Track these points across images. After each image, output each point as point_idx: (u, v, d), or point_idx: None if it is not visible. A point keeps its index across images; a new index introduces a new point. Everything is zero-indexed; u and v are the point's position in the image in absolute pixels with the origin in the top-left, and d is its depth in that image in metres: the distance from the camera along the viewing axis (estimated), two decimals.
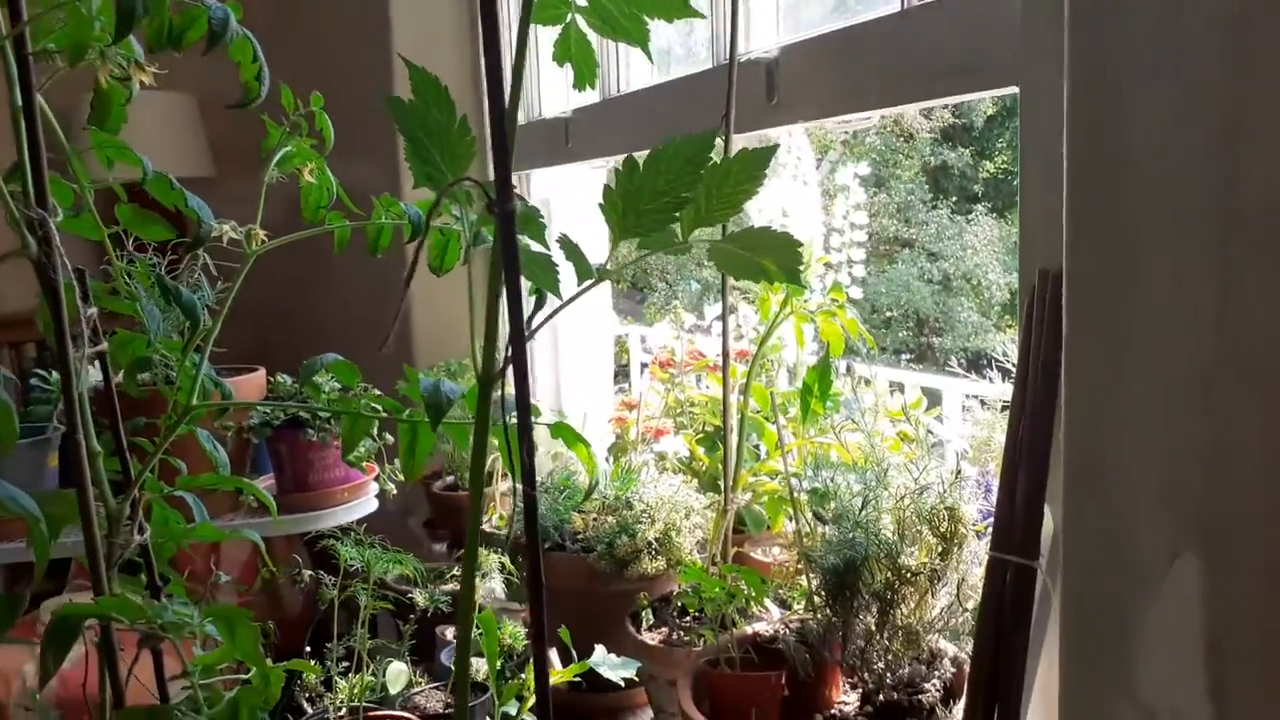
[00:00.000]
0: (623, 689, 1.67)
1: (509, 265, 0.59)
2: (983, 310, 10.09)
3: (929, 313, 9.97)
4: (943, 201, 10.77)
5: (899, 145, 11.02)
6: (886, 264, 10.13)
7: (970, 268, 10.06)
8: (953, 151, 10.95)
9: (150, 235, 0.93)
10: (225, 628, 0.85)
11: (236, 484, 0.98)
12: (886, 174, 10.64)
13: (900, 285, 9.80)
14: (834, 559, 1.14)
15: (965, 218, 10.55)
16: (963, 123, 11.08)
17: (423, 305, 2.63)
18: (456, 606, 1.90)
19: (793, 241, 0.78)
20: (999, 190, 10.87)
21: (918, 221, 10.53)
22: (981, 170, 11.02)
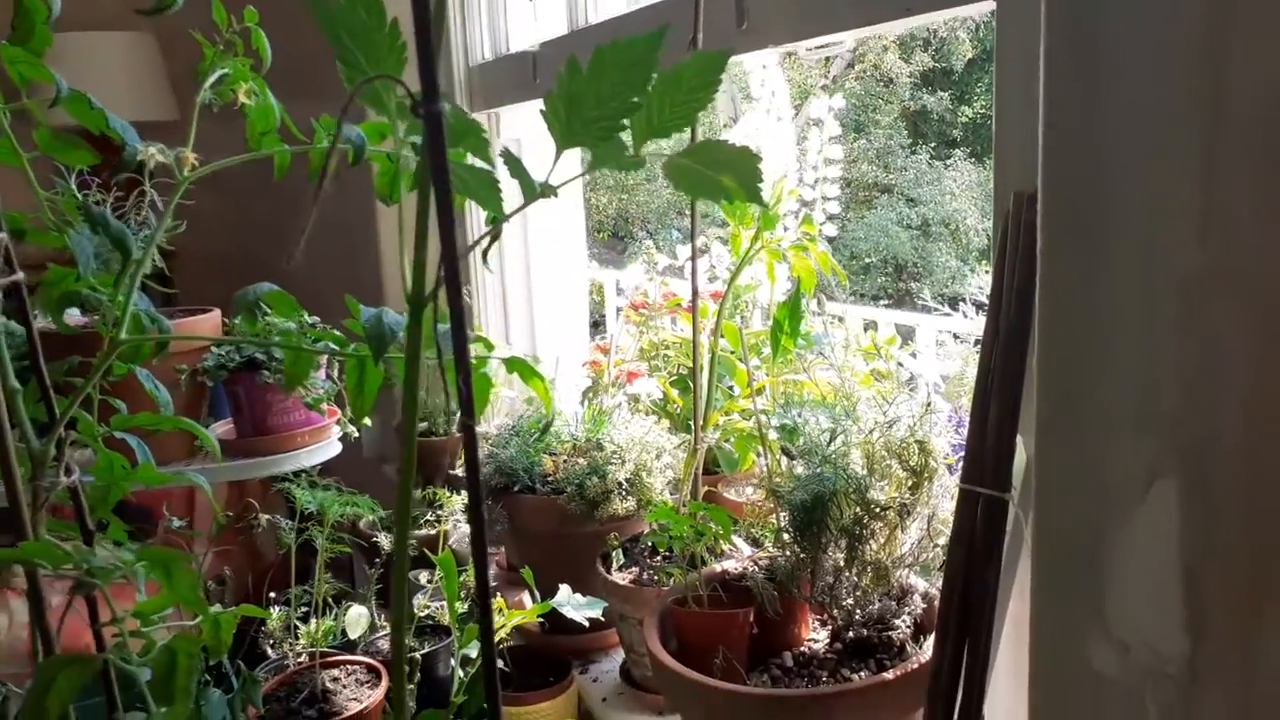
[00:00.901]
0: (594, 629, 1.66)
1: (437, 173, 0.54)
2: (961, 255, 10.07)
3: (907, 258, 9.94)
4: (922, 146, 10.69)
5: (878, 90, 10.90)
6: (865, 210, 10.07)
7: (949, 213, 10.02)
8: (932, 96, 10.85)
9: (73, 160, 0.87)
10: (161, 571, 0.81)
11: (176, 424, 0.93)
12: (865, 119, 10.53)
13: (879, 231, 9.75)
14: (802, 495, 1.11)
15: (944, 163, 10.48)
16: (942, 66, 10.96)
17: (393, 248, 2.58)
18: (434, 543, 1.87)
19: (752, 156, 0.74)
20: (978, 135, 10.79)
21: (896, 167, 10.45)
22: (961, 115, 10.93)
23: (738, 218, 1.54)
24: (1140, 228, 0.70)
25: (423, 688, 1.15)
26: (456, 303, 0.58)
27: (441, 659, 1.33)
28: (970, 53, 10.72)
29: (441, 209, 0.55)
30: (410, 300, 0.60)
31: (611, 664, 1.65)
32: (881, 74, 10.80)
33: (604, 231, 11.26)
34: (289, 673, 1.23)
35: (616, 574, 1.51)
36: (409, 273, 0.60)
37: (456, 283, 0.57)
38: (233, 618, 0.93)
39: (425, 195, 0.57)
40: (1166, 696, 0.71)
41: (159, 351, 0.98)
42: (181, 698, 0.75)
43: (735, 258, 1.57)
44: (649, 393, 2.01)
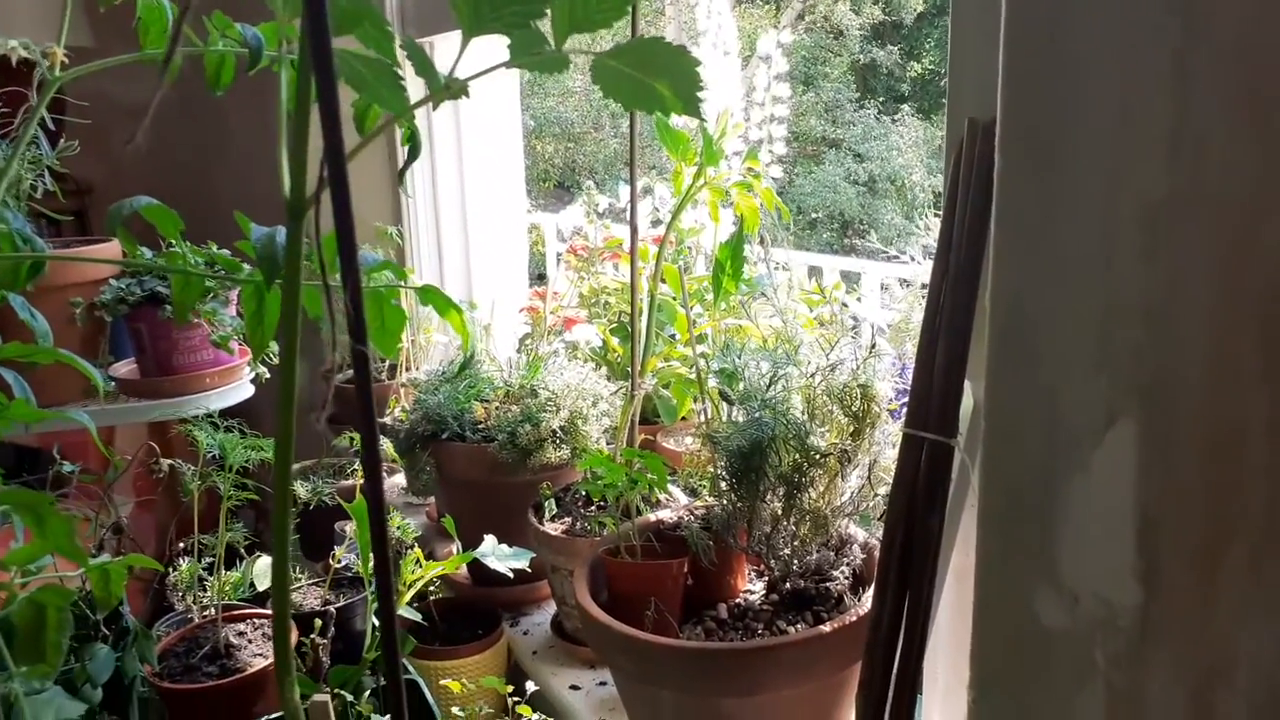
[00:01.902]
0: (525, 581, 1.61)
1: (317, 41, 0.46)
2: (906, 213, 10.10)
3: (854, 215, 9.94)
4: (870, 101, 10.65)
5: (828, 42, 10.81)
6: (813, 165, 10.03)
7: (895, 169, 10.02)
8: (881, 50, 10.79)
9: None
10: (30, 518, 0.73)
11: (54, 356, 0.85)
12: (815, 71, 10.45)
13: (826, 187, 9.72)
14: (739, 440, 1.06)
15: (892, 118, 10.46)
16: (893, 20, 10.90)
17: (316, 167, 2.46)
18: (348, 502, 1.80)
19: (690, 59, 0.66)
20: (926, 91, 10.77)
21: (845, 121, 10.41)
22: (910, 70, 10.90)
23: (680, 153, 1.47)
24: (1105, 150, 0.65)
25: (338, 642, 1.09)
26: (344, 206, 0.50)
27: (359, 612, 1.27)
28: (921, 6, 10.66)
29: (323, 85, 0.47)
30: (289, 205, 0.52)
31: (543, 616, 1.60)
32: (832, 26, 10.71)
33: (549, 181, 11.08)
34: (191, 626, 1.16)
35: (549, 524, 1.45)
36: (286, 174, 0.52)
37: (343, 180, 0.50)
38: (122, 568, 0.86)
39: (306, 75, 0.50)
40: (1116, 648, 0.67)
41: (34, 274, 0.88)
42: (51, 655, 0.67)
43: (677, 195, 1.50)
44: (588, 340, 1.95)
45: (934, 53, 10.65)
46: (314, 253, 0.52)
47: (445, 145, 2.34)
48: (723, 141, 1.44)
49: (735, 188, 1.42)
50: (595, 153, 11.14)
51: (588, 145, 11.17)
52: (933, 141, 10.21)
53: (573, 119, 11.07)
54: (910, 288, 1.39)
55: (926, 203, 9.87)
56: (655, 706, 1.02)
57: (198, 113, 2.74)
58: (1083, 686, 0.70)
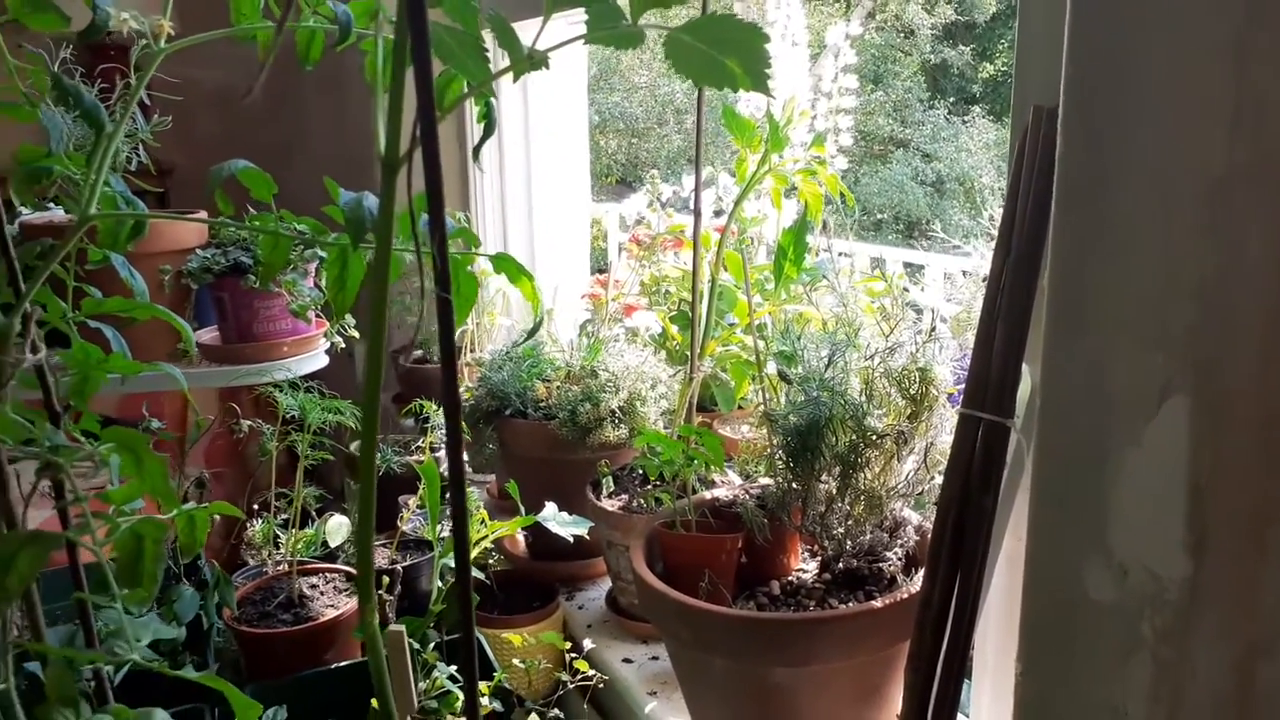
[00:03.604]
0: (581, 557, 1.65)
1: (416, 23, 0.50)
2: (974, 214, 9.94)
3: (920, 215, 9.82)
4: (940, 101, 10.51)
5: (898, 41, 10.69)
6: (880, 164, 9.93)
7: (964, 170, 9.88)
8: (953, 50, 10.64)
9: (41, 25, 0.82)
10: (130, 458, 0.78)
11: (151, 311, 0.90)
12: (884, 70, 10.34)
13: (893, 186, 9.62)
14: (797, 419, 1.08)
15: (962, 119, 10.31)
16: (965, 20, 10.74)
17: None
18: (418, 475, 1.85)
19: (760, 37, 0.69)
20: (998, 92, 10.59)
21: (914, 121, 10.28)
22: (982, 70, 10.73)
23: (745, 140, 1.49)
24: (1166, 128, 0.66)
25: (404, 600, 1.14)
26: (433, 160, 0.54)
27: (424, 573, 1.31)
28: (994, 6, 10.49)
29: (418, 52, 0.51)
30: (384, 160, 0.56)
31: (598, 592, 1.64)
32: (903, 25, 10.59)
33: (612, 176, 11.13)
34: (266, 577, 1.21)
35: (606, 501, 1.49)
36: (383, 133, 0.56)
37: (433, 137, 0.53)
38: (206, 515, 0.91)
39: (402, 43, 0.53)
40: (1164, 621, 0.68)
41: (135, 235, 0.94)
42: (147, 582, 0.72)
43: (740, 183, 1.52)
44: (647, 326, 1.98)
45: (1007, 54, 10.46)
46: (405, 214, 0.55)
47: (513, 133, 2.39)
48: (789, 129, 1.46)
49: (800, 174, 1.43)
50: (658, 149, 11.16)
51: (651, 141, 11.19)
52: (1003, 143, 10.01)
53: (637, 114, 11.10)
54: (972, 278, 1.40)
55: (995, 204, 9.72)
56: (708, 673, 1.04)
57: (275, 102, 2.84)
58: (1129, 659, 0.71)
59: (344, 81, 2.68)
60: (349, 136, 2.71)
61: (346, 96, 2.70)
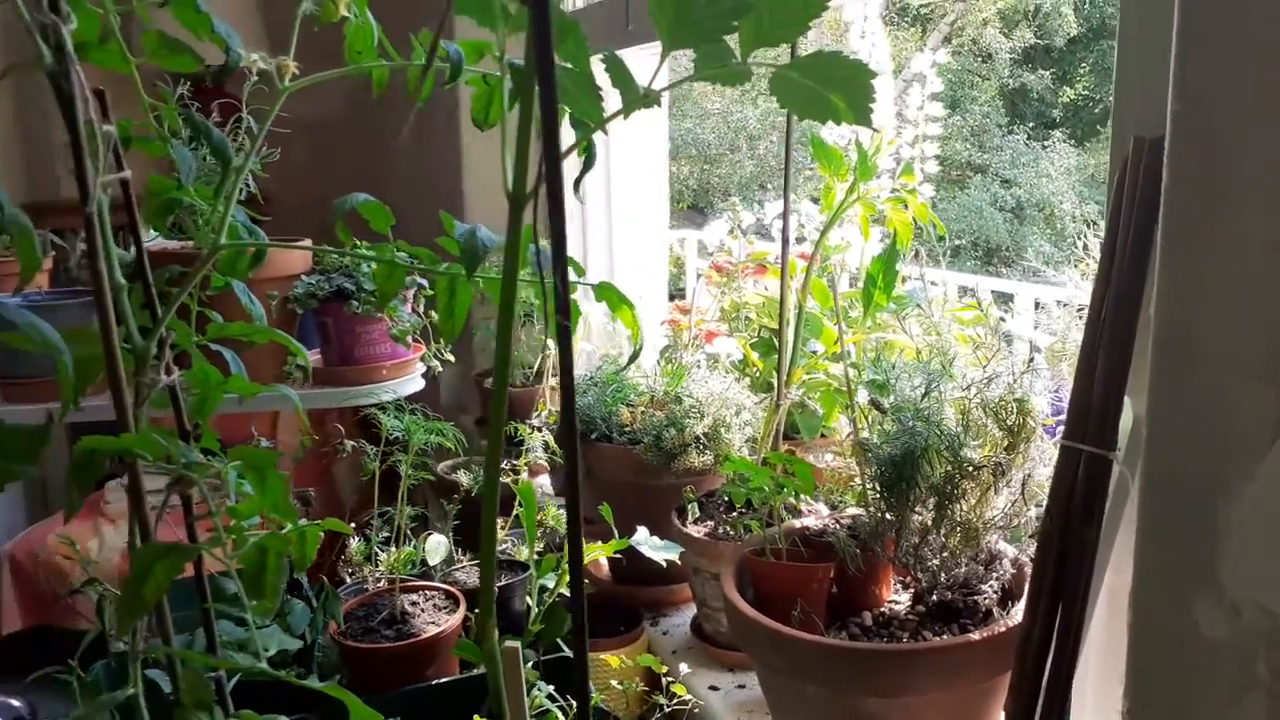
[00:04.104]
0: (666, 582, 1.66)
1: (542, 57, 0.52)
2: (1055, 241, 9.75)
3: (1000, 241, 9.66)
4: (1019, 126, 10.36)
5: (976, 66, 10.58)
6: (958, 190, 9.81)
7: (1044, 196, 9.70)
8: (1032, 74, 10.49)
9: (177, 66, 0.88)
10: (255, 475, 0.82)
11: (270, 335, 0.94)
12: (962, 95, 10.23)
13: (972, 212, 9.49)
14: (892, 449, 1.08)
15: (1042, 144, 10.14)
16: (1044, 43, 10.58)
17: (475, 184, 2.60)
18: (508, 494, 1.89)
19: (866, 71, 0.70)
20: (1079, 117, 10.40)
21: (992, 146, 10.15)
22: (1062, 95, 10.55)
23: (833, 169, 1.50)
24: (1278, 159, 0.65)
25: (499, 619, 1.16)
26: (557, 198, 0.56)
27: (517, 593, 1.34)
28: (1074, 29, 10.32)
29: (545, 95, 0.54)
30: (512, 197, 0.59)
31: (683, 618, 1.64)
32: (980, 49, 10.48)
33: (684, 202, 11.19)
34: (368, 594, 1.25)
35: (691, 527, 1.50)
36: (510, 170, 0.59)
37: (558, 177, 0.56)
38: (317, 531, 0.94)
39: (529, 85, 0.56)
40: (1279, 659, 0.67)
41: (256, 263, 0.99)
42: (270, 594, 0.76)
43: (827, 211, 1.53)
44: (728, 353, 1.99)
45: (1088, 78, 10.28)
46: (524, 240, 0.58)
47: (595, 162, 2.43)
48: (876, 158, 1.47)
49: (889, 203, 1.44)
50: (730, 175, 11.19)
51: (723, 167, 11.23)
52: (1085, 169, 9.84)
53: (709, 140, 11.16)
54: (1067, 308, 1.38)
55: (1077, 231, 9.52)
56: (800, 702, 1.05)
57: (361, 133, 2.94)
58: (1243, 697, 0.69)
59: (429, 114, 2.76)
60: (432, 167, 2.80)
61: (431, 128, 2.78)
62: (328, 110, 3.04)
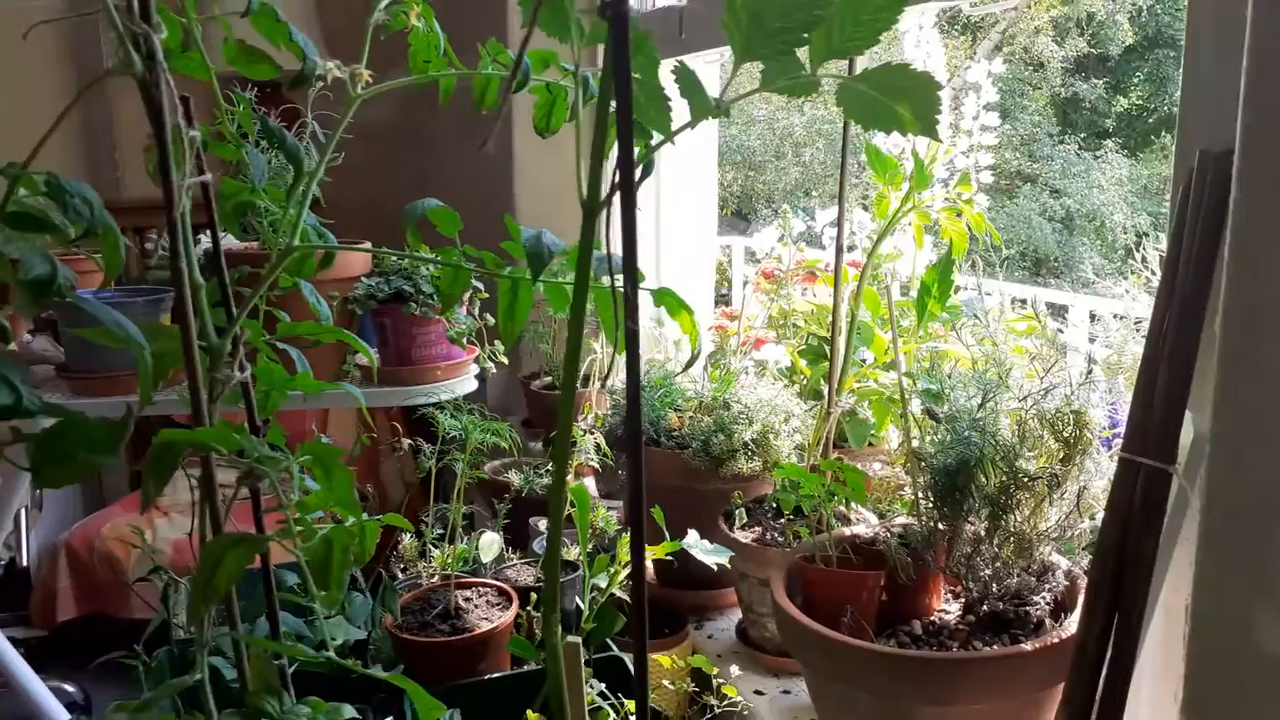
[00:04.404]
0: (711, 587, 1.66)
1: (619, 69, 0.54)
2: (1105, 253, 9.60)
3: (1048, 252, 9.53)
4: (1070, 136, 10.21)
5: (1027, 75, 10.45)
6: (1007, 199, 9.69)
7: (1095, 207, 9.56)
8: (1085, 83, 10.34)
9: (255, 74, 0.91)
10: (321, 470, 0.85)
11: (337, 335, 0.97)
12: (1012, 104, 10.12)
13: (1020, 221, 9.37)
14: (946, 458, 1.08)
15: (1094, 154, 9.99)
16: (1098, 52, 10.43)
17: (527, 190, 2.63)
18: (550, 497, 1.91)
19: (933, 84, 0.71)
20: (1132, 127, 10.23)
21: (1042, 156, 10.02)
22: (1115, 104, 10.39)
23: (888, 178, 1.50)
24: None
25: None
26: (630, 205, 0.58)
27: (568, 592, 1.35)
28: (1130, 38, 10.16)
29: (622, 105, 0.55)
30: (586, 204, 0.60)
31: (727, 623, 1.65)
32: (1031, 57, 10.35)
33: (727, 208, 11.18)
34: (423, 589, 1.27)
35: (738, 532, 1.50)
36: (584, 180, 0.60)
37: (631, 184, 0.57)
38: (377, 526, 0.96)
39: (606, 96, 0.58)
40: None
41: (325, 265, 1.02)
42: (336, 586, 0.78)
43: (880, 219, 1.53)
44: (776, 360, 1.99)
45: (1142, 87, 10.11)
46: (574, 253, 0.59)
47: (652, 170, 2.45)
48: (932, 167, 1.47)
49: (944, 212, 1.44)
50: (774, 181, 11.15)
51: (767, 174, 11.21)
52: (1137, 179, 9.68)
53: (754, 147, 11.14)
54: (1124, 321, 1.37)
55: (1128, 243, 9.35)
56: (850, 708, 1.05)
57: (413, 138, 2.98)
58: None
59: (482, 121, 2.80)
60: (484, 172, 2.83)
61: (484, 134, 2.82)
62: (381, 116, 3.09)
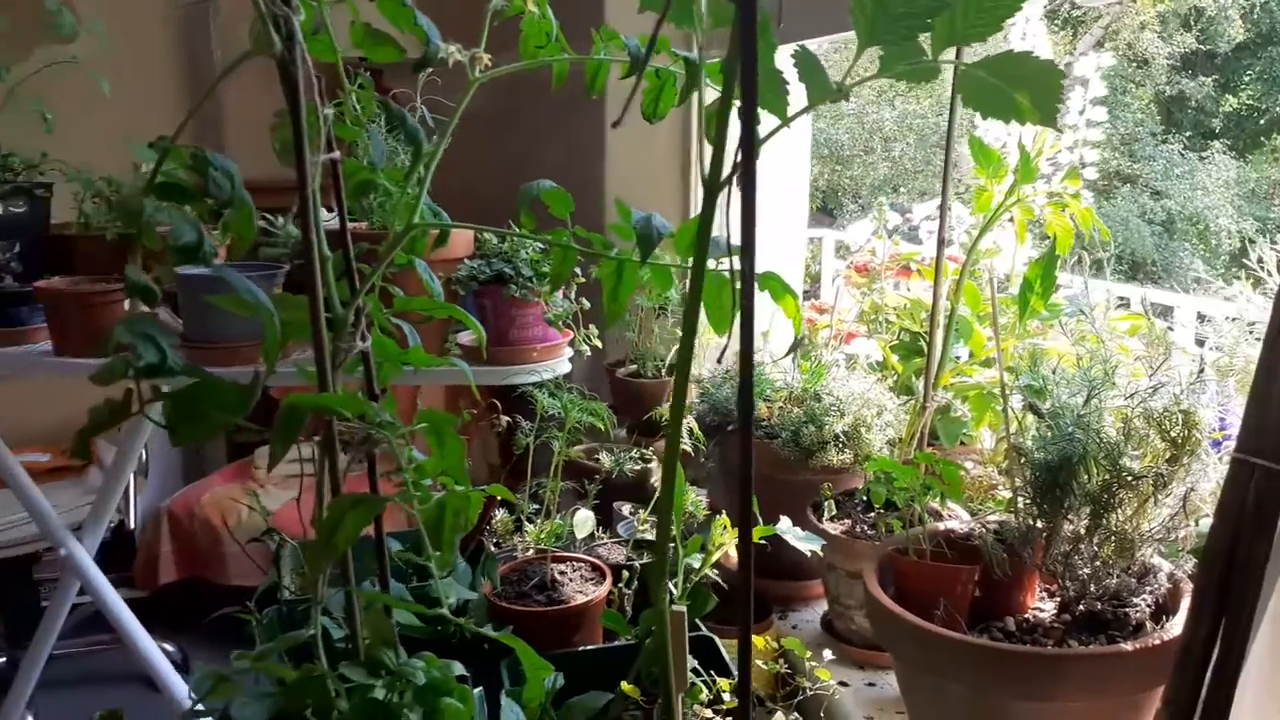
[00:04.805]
0: (796, 578, 1.67)
1: (746, 52, 0.55)
2: (1208, 259, 9.24)
3: (1146, 255, 9.22)
4: (1175, 136, 9.85)
5: (1130, 71, 10.11)
6: (1104, 199, 9.40)
7: (1199, 210, 9.20)
8: (1192, 81, 9.95)
9: (380, 57, 0.94)
10: (435, 437, 0.88)
11: (449, 310, 1.00)
12: (1113, 101, 9.79)
13: (1118, 223, 9.07)
14: (1048, 454, 1.06)
15: (1199, 155, 9.62)
16: (1206, 49, 10.03)
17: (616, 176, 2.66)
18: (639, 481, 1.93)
19: (1054, 72, 0.71)
20: (1241, 127, 9.82)
21: (1144, 156, 9.68)
22: (1223, 104, 9.98)
23: (989, 172, 1.48)
24: None
25: (639, 596, 1.20)
26: (751, 186, 0.59)
27: None
28: (1241, 35, 9.74)
29: (747, 90, 0.56)
30: (707, 184, 0.62)
31: (812, 614, 1.65)
32: (1136, 54, 10.01)
33: (813, 203, 11.06)
34: (519, 561, 1.31)
35: (827, 523, 1.50)
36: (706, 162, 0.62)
37: (752, 166, 0.58)
38: (481, 495, 0.99)
39: (731, 76, 0.59)
40: None
41: (440, 243, 1.05)
42: (448, 548, 0.81)
43: (981, 213, 1.51)
44: (867, 354, 1.98)
45: (1253, 86, 9.69)
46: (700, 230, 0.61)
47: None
48: (1037, 161, 1.44)
49: (1049, 206, 1.41)
50: (862, 177, 11.01)
51: (854, 168, 11.07)
52: (1245, 182, 9.29)
53: (842, 141, 11.00)
54: (1236, 323, 1.33)
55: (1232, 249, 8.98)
56: (942, 700, 1.04)
57: (507, 121, 3.03)
58: None
59: (577, 105, 2.83)
60: (574, 157, 2.87)
61: (577, 118, 2.85)
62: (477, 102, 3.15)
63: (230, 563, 3.02)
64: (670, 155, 2.66)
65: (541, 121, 3.10)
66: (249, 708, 0.71)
